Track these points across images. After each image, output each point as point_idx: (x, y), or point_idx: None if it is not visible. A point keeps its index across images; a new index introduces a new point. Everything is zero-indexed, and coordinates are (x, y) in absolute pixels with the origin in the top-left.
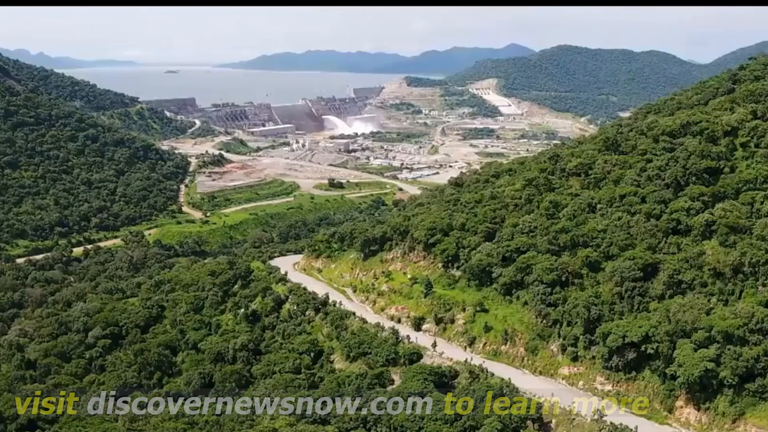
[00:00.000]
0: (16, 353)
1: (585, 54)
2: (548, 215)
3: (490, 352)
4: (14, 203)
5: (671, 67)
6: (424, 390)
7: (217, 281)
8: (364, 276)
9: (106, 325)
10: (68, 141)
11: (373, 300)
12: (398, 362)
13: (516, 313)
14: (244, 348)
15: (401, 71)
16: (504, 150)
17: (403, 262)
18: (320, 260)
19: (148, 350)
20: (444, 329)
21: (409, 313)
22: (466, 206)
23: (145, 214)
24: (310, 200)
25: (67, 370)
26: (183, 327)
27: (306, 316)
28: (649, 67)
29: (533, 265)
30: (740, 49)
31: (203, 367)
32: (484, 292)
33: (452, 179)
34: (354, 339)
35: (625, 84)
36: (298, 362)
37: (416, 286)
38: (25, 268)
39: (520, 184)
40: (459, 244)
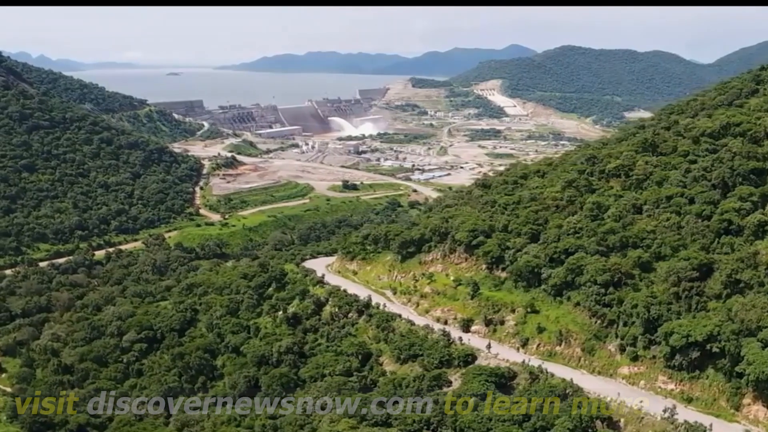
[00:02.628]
0: (51, 358)
1: (589, 54)
2: (592, 216)
3: (544, 353)
4: (33, 207)
5: (675, 67)
6: (485, 391)
7: (251, 284)
8: (402, 278)
9: (140, 329)
10: (83, 144)
11: (415, 302)
12: (452, 364)
13: (568, 314)
14: (288, 351)
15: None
16: (513, 151)
17: (444, 263)
18: (355, 262)
19: (188, 354)
20: (494, 330)
21: (456, 314)
22: (506, 208)
23: (163, 217)
24: (326, 202)
25: (106, 374)
26: (220, 330)
27: (349, 319)
28: (653, 67)
29: (584, 266)
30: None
31: (247, 371)
32: (533, 293)
33: (479, 180)
34: (404, 341)
35: (629, 84)
36: (348, 365)
37: (461, 287)
38: (49, 272)
39: (559, 185)
40: (503, 245)
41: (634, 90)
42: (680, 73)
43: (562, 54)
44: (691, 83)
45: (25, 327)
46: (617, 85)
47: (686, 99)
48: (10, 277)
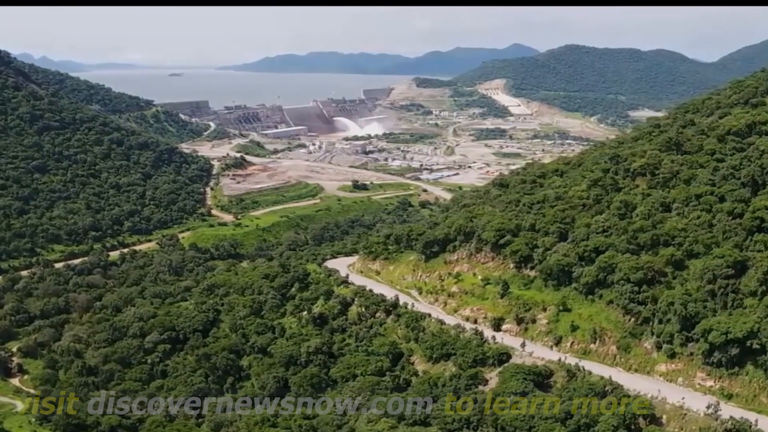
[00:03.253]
0: (75, 359)
1: (592, 54)
2: (620, 215)
3: (578, 351)
4: (46, 208)
5: (678, 66)
6: (525, 389)
7: (274, 284)
8: (427, 278)
9: (163, 330)
10: (93, 145)
11: (443, 301)
12: (487, 362)
13: (601, 312)
14: (318, 351)
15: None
16: (520, 150)
17: (470, 263)
18: (377, 262)
19: (214, 355)
20: (526, 329)
21: (486, 313)
22: (531, 207)
23: (175, 217)
24: (337, 202)
25: (131, 375)
26: (245, 331)
27: (376, 319)
28: (657, 66)
29: (615, 264)
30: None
31: (276, 371)
32: (564, 291)
33: (496, 180)
34: (435, 340)
35: (633, 83)
36: (379, 364)
37: (489, 286)
38: (65, 273)
39: (585, 184)
40: (530, 244)
41: (638, 89)
42: (684, 71)
43: (565, 53)
44: (694, 82)
45: (46, 328)
46: (621, 84)
47: (701, 98)
48: (27, 278)
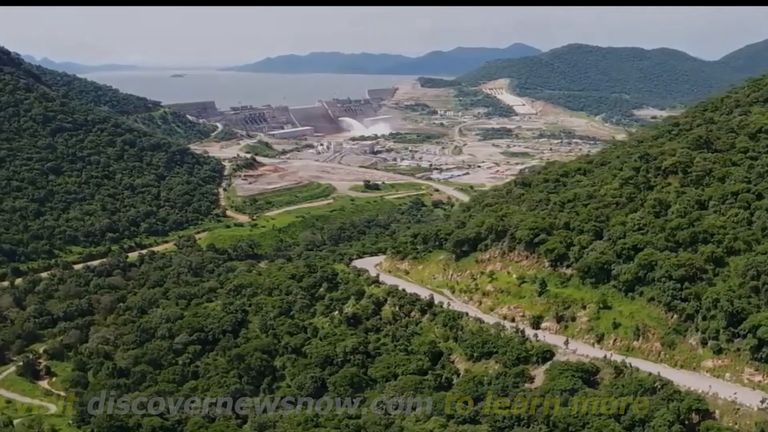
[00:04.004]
0: (104, 361)
1: (596, 53)
2: (655, 213)
3: (621, 348)
4: (62, 209)
5: (682, 65)
6: (574, 386)
7: (302, 285)
8: (459, 277)
9: (192, 331)
10: (106, 146)
11: (478, 300)
12: (530, 360)
13: (642, 309)
14: (355, 351)
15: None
16: (528, 150)
17: (503, 262)
18: (406, 262)
19: (248, 355)
20: (565, 327)
21: (524, 312)
22: (564, 206)
23: (191, 218)
24: (350, 202)
25: (164, 377)
26: (276, 331)
27: (412, 318)
28: (660, 64)
29: (655, 261)
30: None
31: (313, 371)
32: (602, 289)
33: (518, 179)
34: (475, 339)
35: (637, 82)
36: (420, 363)
37: (526, 285)
38: (85, 274)
39: (617, 183)
40: (566, 243)
41: (642, 87)
42: (687, 70)
43: (569, 52)
44: (698, 80)
45: (71, 330)
46: (625, 82)
47: (719, 96)
48: (47, 280)
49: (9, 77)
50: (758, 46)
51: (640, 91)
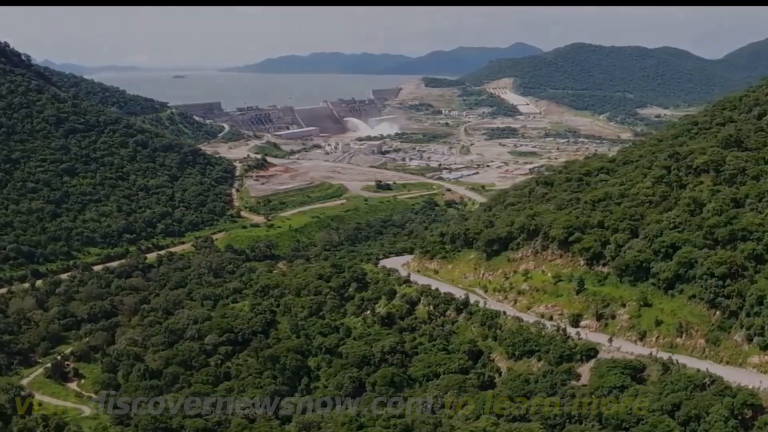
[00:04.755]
0: (135, 363)
1: (599, 52)
2: (690, 211)
3: (664, 345)
4: (78, 211)
5: (685, 63)
6: (623, 383)
7: (332, 285)
8: (491, 276)
9: (221, 332)
10: (119, 147)
11: (513, 299)
12: (574, 358)
13: (684, 307)
14: (393, 350)
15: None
16: (535, 149)
17: (536, 261)
18: (435, 261)
19: (282, 356)
20: (605, 325)
21: (562, 310)
22: (596, 204)
23: (206, 219)
24: (363, 202)
25: (198, 378)
26: (307, 332)
27: (447, 317)
28: (663, 63)
29: (695, 259)
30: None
31: (350, 371)
32: (641, 287)
33: (540, 178)
34: (516, 337)
35: (640, 81)
36: (461, 362)
37: (562, 283)
38: (105, 276)
39: (649, 181)
40: (601, 241)
41: (645, 86)
42: (690, 68)
43: (572, 52)
44: (701, 79)
45: (98, 332)
46: (628, 81)
47: (737, 95)
48: (67, 281)
49: (20, 78)
50: (760, 44)
51: (643, 90)
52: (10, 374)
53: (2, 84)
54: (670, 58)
